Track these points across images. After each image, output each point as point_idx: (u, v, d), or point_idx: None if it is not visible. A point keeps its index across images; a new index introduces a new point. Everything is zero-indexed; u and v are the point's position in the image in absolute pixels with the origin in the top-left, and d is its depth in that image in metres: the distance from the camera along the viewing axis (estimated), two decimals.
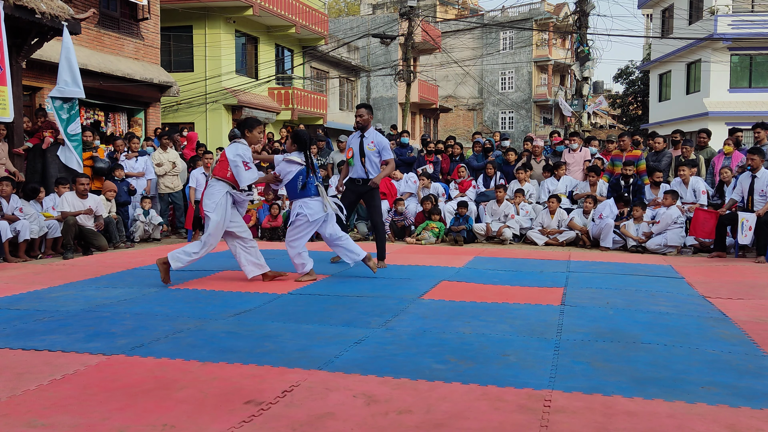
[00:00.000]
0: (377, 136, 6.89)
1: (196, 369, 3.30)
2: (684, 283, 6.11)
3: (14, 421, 2.62)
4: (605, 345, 3.79)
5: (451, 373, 3.23)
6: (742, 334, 4.08)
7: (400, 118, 29.37)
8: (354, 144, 6.89)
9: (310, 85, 25.62)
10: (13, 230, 7.48)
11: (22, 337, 3.95)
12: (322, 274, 6.37)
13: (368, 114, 6.87)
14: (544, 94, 41.32)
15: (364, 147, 6.78)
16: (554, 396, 2.90)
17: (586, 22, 19.18)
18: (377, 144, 6.80)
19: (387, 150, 6.86)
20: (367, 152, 6.76)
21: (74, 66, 8.81)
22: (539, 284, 5.93)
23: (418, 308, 4.82)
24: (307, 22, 22.78)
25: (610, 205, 9.05)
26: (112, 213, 9.04)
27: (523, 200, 9.97)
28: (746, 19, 23.17)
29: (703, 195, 8.98)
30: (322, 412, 2.72)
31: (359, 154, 6.78)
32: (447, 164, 11.39)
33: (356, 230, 10.04)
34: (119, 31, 15.17)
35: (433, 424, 2.60)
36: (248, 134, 5.86)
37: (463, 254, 8.15)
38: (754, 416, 2.69)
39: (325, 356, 3.50)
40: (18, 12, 8.10)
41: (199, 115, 19.65)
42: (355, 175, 6.88)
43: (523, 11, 40.03)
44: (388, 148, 6.88)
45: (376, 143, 6.80)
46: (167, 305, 4.92)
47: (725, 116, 22.83)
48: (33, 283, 5.90)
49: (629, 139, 10.41)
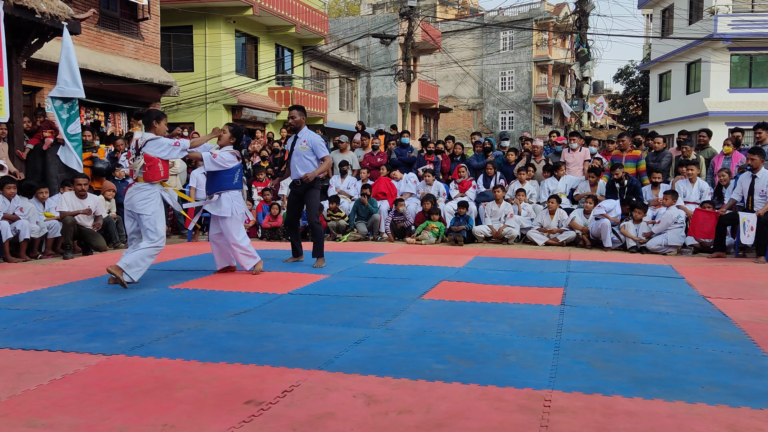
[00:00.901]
0: (310, 135, 6.87)
1: (196, 369, 3.30)
2: (684, 283, 6.11)
3: (14, 421, 2.62)
4: (605, 345, 3.79)
5: (451, 373, 3.23)
6: (742, 334, 4.08)
7: (400, 118, 29.36)
8: (288, 146, 6.99)
9: (310, 85, 25.61)
10: (14, 230, 7.48)
11: (22, 337, 3.95)
12: (322, 274, 6.38)
13: (300, 115, 6.87)
14: (544, 94, 41.32)
15: (296, 147, 6.82)
16: (554, 396, 2.90)
17: (586, 22, 19.19)
18: (309, 142, 6.79)
19: (321, 147, 6.83)
20: (300, 152, 6.79)
21: (74, 66, 8.80)
22: (539, 284, 5.92)
23: (418, 308, 4.82)
24: (307, 22, 22.78)
25: (616, 206, 9.04)
26: (111, 213, 9.04)
27: (524, 200, 9.97)
28: (746, 19, 23.17)
29: (708, 196, 8.99)
30: (322, 412, 2.72)
31: (292, 155, 6.85)
32: (447, 164, 11.39)
33: (356, 230, 10.04)
34: (119, 31, 15.17)
35: (433, 424, 2.60)
36: (157, 125, 5.84)
37: (463, 254, 8.15)
38: (754, 416, 2.69)
39: (325, 356, 3.50)
40: (18, 12, 8.10)
41: (199, 115, 19.64)
42: (293, 176, 6.90)
43: (523, 11, 40.03)
44: (322, 145, 6.85)
45: (308, 141, 6.79)
46: (167, 305, 4.92)
47: (725, 116, 22.84)
48: (33, 283, 5.90)
49: (629, 139, 10.41)
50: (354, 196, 10.72)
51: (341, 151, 11.61)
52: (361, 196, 10.26)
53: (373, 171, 10.96)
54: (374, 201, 10.31)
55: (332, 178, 11.28)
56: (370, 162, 11.22)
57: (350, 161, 11.39)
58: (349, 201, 10.69)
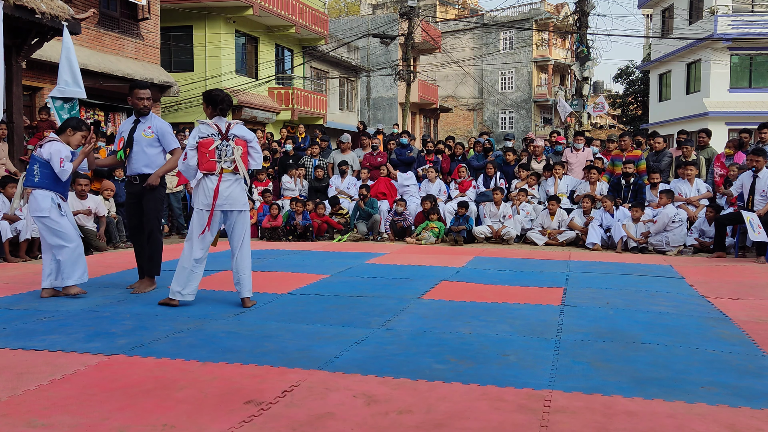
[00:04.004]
0: (156, 121, 5.55)
1: (196, 369, 3.30)
2: (684, 283, 6.11)
3: (14, 421, 2.62)
4: (605, 345, 3.79)
5: (451, 373, 3.23)
6: (742, 334, 4.08)
7: (400, 118, 29.35)
8: (125, 132, 5.49)
9: (310, 85, 25.61)
10: (14, 230, 7.48)
11: (22, 337, 3.94)
12: (322, 274, 6.37)
13: (148, 99, 5.52)
14: (544, 94, 41.31)
15: (137, 134, 5.43)
16: (554, 396, 2.90)
17: (586, 22, 19.19)
18: (156, 130, 5.46)
19: (168, 136, 5.50)
20: (142, 139, 5.42)
21: (75, 66, 8.81)
22: (539, 284, 5.92)
23: (418, 308, 4.82)
24: (307, 22, 22.79)
25: (624, 211, 9.06)
26: (111, 213, 9.04)
27: (526, 200, 9.97)
28: (746, 19, 23.17)
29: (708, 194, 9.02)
30: (322, 412, 2.72)
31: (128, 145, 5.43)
32: (447, 164, 11.40)
33: (356, 230, 10.04)
34: (119, 31, 15.17)
35: (433, 424, 2.60)
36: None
37: (463, 254, 8.15)
38: (754, 416, 2.69)
39: (325, 356, 3.50)
40: (18, 12, 8.11)
41: (199, 115, 19.59)
42: (129, 171, 5.53)
43: (523, 11, 40.02)
44: (170, 133, 5.55)
45: (154, 128, 5.45)
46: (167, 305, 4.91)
47: (725, 116, 22.85)
48: (33, 283, 5.89)
49: (630, 139, 10.42)
50: (354, 196, 10.72)
51: (342, 152, 11.61)
52: (358, 200, 10.27)
53: (373, 171, 10.96)
54: (374, 201, 10.31)
55: (332, 178, 11.29)
56: (370, 162, 11.22)
57: (350, 161, 11.39)
58: (349, 201, 10.69)
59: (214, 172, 4.77)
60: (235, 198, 4.82)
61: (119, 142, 5.49)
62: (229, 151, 4.76)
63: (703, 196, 9.11)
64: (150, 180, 5.39)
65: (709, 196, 9.13)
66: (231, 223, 4.89)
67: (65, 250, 5.18)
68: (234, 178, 4.83)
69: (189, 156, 4.75)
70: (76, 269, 5.22)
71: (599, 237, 8.87)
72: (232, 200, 4.81)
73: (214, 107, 4.83)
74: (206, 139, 4.76)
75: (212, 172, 4.76)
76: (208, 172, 4.78)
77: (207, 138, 4.76)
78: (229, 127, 4.82)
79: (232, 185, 4.81)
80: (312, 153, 11.74)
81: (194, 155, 4.75)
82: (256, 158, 4.96)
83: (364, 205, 10.16)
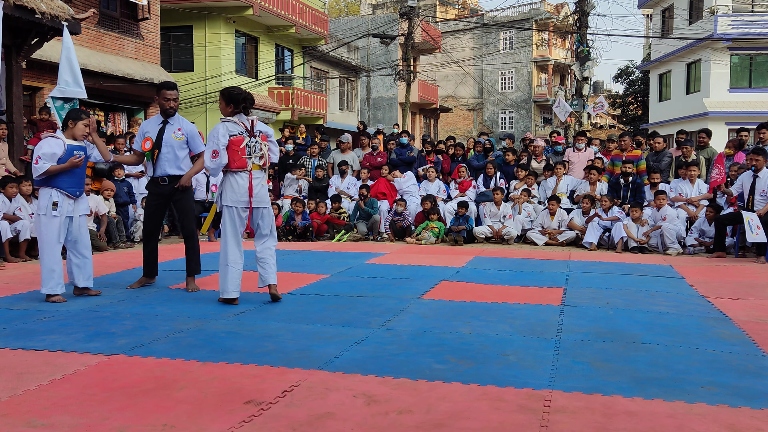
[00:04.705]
0: (184, 123, 5.64)
1: (196, 369, 3.30)
2: (684, 283, 6.11)
3: (14, 421, 2.62)
4: (605, 345, 3.79)
5: (451, 373, 3.23)
6: (742, 334, 4.08)
7: (400, 118, 29.35)
8: (152, 132, 5.50)
9: (310, 85, 25.61)
10: (14, 230, 7.48)
11: (22, 337, 3.94)
12: (322, 274, 6.37)
13: (175, 100, 5.56)
14: (544, 94, 41.31)
15: (166, 136, 5.47)
16: (554, 396, 2.90)
17: (586, 22, 19.18)
18: (186, 132, 5.57)
19: (197, 138, 5.64)
20: (173, 141, 5.48)
21: (75, 66, 8.79)
22: (539, 284, 5.93)
23: (418, 308, 4.82)
24: (307, 22, 22.79)
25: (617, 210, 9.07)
26: (111, 213, 9.04)
27: (526, 200, 9.97)
28: (746, 19, 23.16)
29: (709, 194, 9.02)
30: (322, 412, 2.72)
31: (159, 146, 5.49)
32: (447, 164, 11.40)
33: (356, 230, 10.04)
34: (119, 31, 15.18)
35: (433, 424, 2.60)
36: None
37: (463, 254, 8.15)
38: (754, 416, 2.69)
39: (325, 356, 3.50)
40: (18, 12, 8.10)
41: (199, 115, 19.63)
42: (158, 172, 5.56)
43: (523, 11, 40.02)
44: (198, 136, 5.68)
45: (184, 131, 5.55)
46: (167, 305, 4.92)
47: (725, 116, 22.84)
48: (33, 283, 5.88)
49: (630, 139, 10.42)
50: (354, 196, 10.72)
51: (342, 152, 11.61)
52: (358, 200, 10.27)
53: (373, 171, 10.97)
54: (374, 201, 10.31)
55: (332, 178, 11.29)
56: (370, 162, 11.23)
57: (350, 161, 11.39)
58: (349, 201, 10.69)
59: (245, 170, 4.89)
60: (263, 195, 5.02)
61: (145, 142, 5.48)
62: (257, 148, 4.91)
63: (704, 197, 9.12)
64: (182, 181, 5.52)
65: (710, 197, 9.14)
66: (258, 216, 5.04)
67: (41, 255, 5.11)
68: (262, 175, 4.99)
69: (221, 154, 4.80)
70: (49, 278, 5.05)
71: (596, 236, 8.87)
72: (261, 198, 5.00)
73: (236, 105, 4.91)
74: (236, 137, 4.85)
75: (244, 169, 4.88)
76: (239, 170, 4.88)
77: (237, 136, 4.85)
78: (254, 123, 4.96)
79: (260, 183, 4.98)
80: (312, 153, 11.74)
81: (225, 153, 4.83)
82: (275, 152, 5.16)
83: (364, 205, 10.17)
